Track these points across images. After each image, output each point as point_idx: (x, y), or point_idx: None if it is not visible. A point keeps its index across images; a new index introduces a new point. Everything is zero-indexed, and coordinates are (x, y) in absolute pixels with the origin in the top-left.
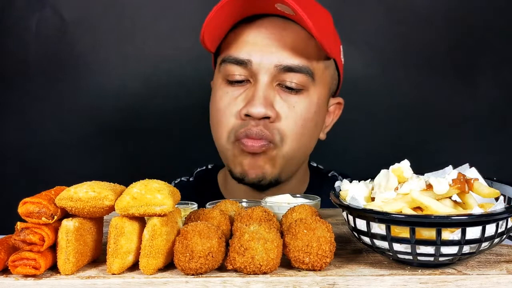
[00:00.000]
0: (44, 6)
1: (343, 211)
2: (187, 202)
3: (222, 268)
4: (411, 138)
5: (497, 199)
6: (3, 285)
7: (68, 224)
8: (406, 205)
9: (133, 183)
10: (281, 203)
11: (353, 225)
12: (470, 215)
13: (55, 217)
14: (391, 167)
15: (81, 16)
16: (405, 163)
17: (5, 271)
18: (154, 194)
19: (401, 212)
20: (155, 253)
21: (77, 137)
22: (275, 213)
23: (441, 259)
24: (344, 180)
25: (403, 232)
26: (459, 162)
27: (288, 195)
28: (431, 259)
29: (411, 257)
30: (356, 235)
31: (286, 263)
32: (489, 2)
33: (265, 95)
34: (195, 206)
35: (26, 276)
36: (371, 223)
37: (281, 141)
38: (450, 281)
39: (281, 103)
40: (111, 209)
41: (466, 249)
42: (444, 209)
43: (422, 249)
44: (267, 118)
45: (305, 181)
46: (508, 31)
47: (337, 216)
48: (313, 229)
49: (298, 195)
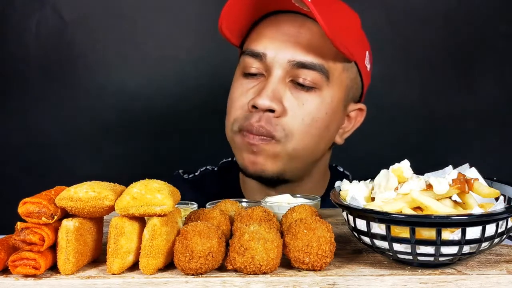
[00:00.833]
0: (44, 6)
1: (343, 211)
2: (187, 202)
3: (222, 268)
4: (411, 138)
5: (497, 199)
6: (3, 285)
7: (68, 224)
8: (406, 205)
9: (133, 183)
10: (281, 203)
11: (353, 225)
12: (470, 215)
13: (55, 217)
14: (391, 167)
15: (81, 16)
16: (405, 163)
17: (5, 271)
18: (154, 194)
19: (401, 212)
20: (155, 253)
21: (77, 137)
22: (275, 213)
23: (441, 259)
24: (344, 180)
25: (403, 232)
26: (459, 162)
27: (288, 195)
28: (431, 259)
29: (411, 257)
30: (356, 235)
31: (286, 263)
32: (489, 2)
33: (274, 88)
34: (195, 206)
35: (26, 276)
36: (371, 223)
37: (286, 137)
38: (450, 281)
39: (291, 99)
40: (111, 209)
41: (466, 249)
42: (444, 209)
43: (422, 249)
44: (272, 111)
45: (323, 184)
46: (508, 31)
47: (337, 216)
48: (313, 229)
49: (298, 195)
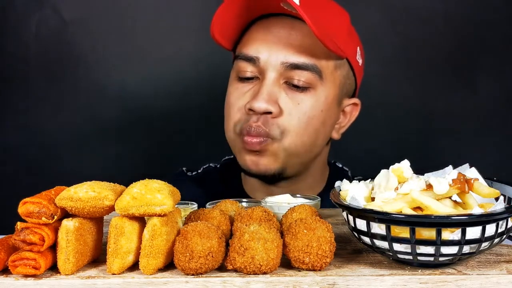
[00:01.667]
0: (44, 6)
1: (343, 211)
2: (187, 202)
3: (222, 268)
4: (411, 138)
5: (497, 199)
6: (3, 285)
7: (68, 224)
8: (406, 205)
9: (133, 183)
10: (281, 203)
11: (353, 225)
12: (470, 215)
13: (55, 217)
14: (391, 167)
15: (81, 16)
16: (405, 163)
17: (5, 271)
18: (154, 194)
19: (401, 212)
20: (155, 253)
21: (77, 137)
22: (275, 213)
23: (441, 259)
24: (344, 180)
25: (403, 232)
26: (459, 162)
27: (288, 195)
28: (431, 259)
29: (411, 257)
30: (356, 235)
31: (286, 263)
32: (489, 2)
33: (269, 91)
34: (195, 206)
35: (26, 276)
36: (371, 223)
37: (281, 134)
38: (450, 281)
39: (286, 100)
40: (111, 209)
41: (466, 249)
42: (444, 209)
43: (422, 249)
44: (269, 113)
45: (322, 180)
46: (508, 31)
47: (337, 216)
48: (313, 229)
49: (298, 195)
